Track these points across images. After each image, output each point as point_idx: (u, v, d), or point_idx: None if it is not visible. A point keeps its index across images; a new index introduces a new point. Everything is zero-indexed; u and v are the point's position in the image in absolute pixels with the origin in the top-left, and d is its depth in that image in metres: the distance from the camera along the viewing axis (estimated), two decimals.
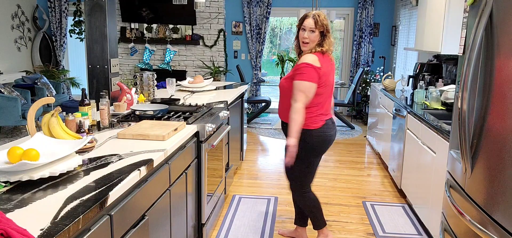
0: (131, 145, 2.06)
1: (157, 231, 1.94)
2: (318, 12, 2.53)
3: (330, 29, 2.53)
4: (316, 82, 2.45)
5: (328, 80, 2.54)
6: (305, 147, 2.55)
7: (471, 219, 1.74)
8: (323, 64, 2.48)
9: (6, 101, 5.52)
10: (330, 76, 2.56)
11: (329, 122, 2.60)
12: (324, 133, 2.57)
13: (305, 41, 2.50)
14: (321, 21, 2.49)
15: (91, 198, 1.37)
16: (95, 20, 3.17)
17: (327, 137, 2.60)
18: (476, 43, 1.73)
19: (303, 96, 2.44)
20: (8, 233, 1.03)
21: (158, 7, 7.13)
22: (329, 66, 2.55)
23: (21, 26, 7.44)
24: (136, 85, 3.40)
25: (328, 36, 2.51)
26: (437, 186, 2.80)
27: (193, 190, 2.59)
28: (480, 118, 1.77)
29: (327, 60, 2.52)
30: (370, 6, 7.10)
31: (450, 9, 3.55)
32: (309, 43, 2.50)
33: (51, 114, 1.91)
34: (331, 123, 2.63)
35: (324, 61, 2.50)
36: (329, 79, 2.56)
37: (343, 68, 7.69)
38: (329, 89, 2.60)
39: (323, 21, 2.49)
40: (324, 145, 2.62)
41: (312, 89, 2.45)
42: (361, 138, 6.19)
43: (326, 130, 2.58)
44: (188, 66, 7.55)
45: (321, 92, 2.52)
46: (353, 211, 3.55)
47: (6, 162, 1.54)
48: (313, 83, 2.44)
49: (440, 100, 3.59)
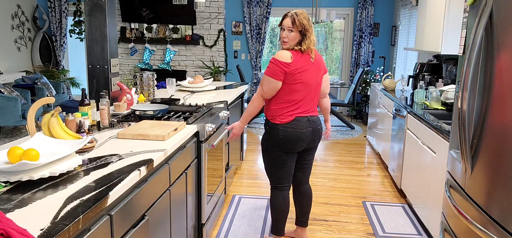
0: (131, 145, 2.06)
1: (157, 231, 1.94)
2: (298, 11, 2.50)
3: (309, 28, 2.47)
4: (278, 78, 2.45)
5: (305, 78, 2.50)
6: (269, 140, 2.61)
7: (471, 219, 1.74)
8: (297, 62, 2.45)
9: (6, 101, 5.52)
10: (309, 75, 2.51)
11: (302, 119, 2.54)
12: (292, 129, 2.53)
13: (284, 40, 2.51)
14: (299, 20, 2.44)
15: (91, 198, 1.37)
16: (95, 20, 3.17)
17: (295, 134, 2.54)
18: (476, 43, 1.73)
19: (261, 89, 2.54)
20: (8, 233, 1.03)
21: (158, 7, 7.13)
22: (308, 64, 2.50)
23: (21, 26, 7.44)
24: (136, 85, 3.40)
25: (307, 35, 2.47)
26: (437, 186, 2.80)
27: (193, 190, 2.59)
28: (480, 118, 1.77)
29: (305, 59, 2.48)
30: (370, 6, 7.10)
31: (450, 9, 3.55)
32: (288, 42, 2.49)
33: (51, 114, 1.91)
34: (306, 121, 2.56)
35: (300, 59, 2.46)
36: (307, 78, 2.51)
37: (343, 68, 7.69)
38: (310, 88, 2.55)
39: (302, 21, 2.45)
40: (291, 142, 2.56)
41: (271, 84, 2.47)
42: (361, 138, 6.19)
43: (294, 127, 2.53)
44: (188, 66, 7.55)
45: (296, 89, 2.50)
46: (353, 211, 3.55)
47: (6, 162, 1.54)
48: (272, 78, 2.46)
49: (440, 100, 3.59)
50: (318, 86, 2.61)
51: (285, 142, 2.56)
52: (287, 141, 2.56)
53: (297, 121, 2.53)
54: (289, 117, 2.52)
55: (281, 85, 2.49)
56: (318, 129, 2.64)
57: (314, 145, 2.71)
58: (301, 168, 2.79)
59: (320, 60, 2.61)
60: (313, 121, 2.59)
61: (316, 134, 2.63)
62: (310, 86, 2.54)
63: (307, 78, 2.51)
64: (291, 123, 2.52)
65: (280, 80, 2.47)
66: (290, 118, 2.52)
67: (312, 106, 2.60)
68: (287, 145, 2.57)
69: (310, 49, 2.50)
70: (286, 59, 2.43)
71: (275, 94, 2.53)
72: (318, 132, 2.64)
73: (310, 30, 2.49)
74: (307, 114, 2.57)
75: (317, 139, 2.68)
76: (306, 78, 2.50)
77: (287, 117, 2.52)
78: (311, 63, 2.51)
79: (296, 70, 2.45)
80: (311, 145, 2.67)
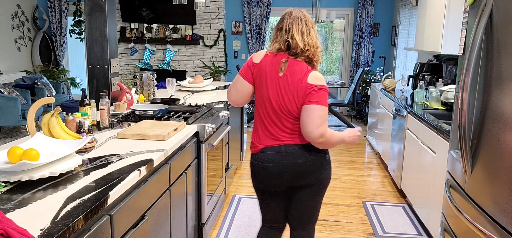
0: (131, 145, 2.06)
1: (157, 231, 1.94)
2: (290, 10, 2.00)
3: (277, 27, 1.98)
4: (245, 77, 1.99)
5: (261, 85, 1.94)
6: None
7: (471, 219, 1.74)
8: (262, 62, 1.95)
9: (6, 101, 5.52)
10: (268, 81, 1.92)
11: (258, 154, 1.98)
12: (256, 163, 2.00)
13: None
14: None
15: (91, 198, 1.37)
16: (95, 20, 3.17)
17: (254, 169, 2.01)
18: (476, 43, 1.73)
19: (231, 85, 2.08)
20: (8, 233, 1.03)
21: (158, 7, 7.13)
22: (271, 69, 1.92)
23: (21, 26, 7.44)
24: (136, 85, 3.40)
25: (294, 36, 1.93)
26: (437, 186, 2.80)
27: (193, 190, 2.59)
28: (480, 118, 1.77)
29: (273, 63, 1.92)
30: (370, 6, 7.10)
31: (450, 9, 3.55)
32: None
33: (51, 114, 1.91)
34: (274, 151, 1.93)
35: (267, 61, 1.94)
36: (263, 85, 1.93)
37: (343, 68, 7.69)
38: (267, 102, 1.93)
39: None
40: (255, 177, 2.04)
41: (237, 82, 2.02)
42: (361, 138, 6.19)
43: (258, 160, 1.98)
44: (188, 66, 7.55)
45: (256, 98, 2.02)
46: (353, 211, 3.55)
47: (6, 162, 1.54)
48: (240, 75, 2.02)
49: (440, 100, 3.59)
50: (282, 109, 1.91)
51: (253, 178, 2.07)
52: (253, 174, 2.06)
53: (265, 151, 1.96)
54: (258, 146, 1.99)
55: (252, 91, 2.02)
56: (300, 163, 1.92)
57: (301, 183, 1.98)
58: (293, 206, 2.09)
59: (297, 81, 1.86)
60: (286, 152, 1.92)
61: (298, 169, 1.93)
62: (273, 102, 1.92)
63: (263, 87, 1.95)
64: (258, 155, 1.99)
65: (247, 80, 2.00)
66: (258, 148, 1.99)
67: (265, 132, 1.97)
68: (253, 178, 2.07)
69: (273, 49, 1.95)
70: (255, 58, 1.99)
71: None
72: (300, 167, 1.92)
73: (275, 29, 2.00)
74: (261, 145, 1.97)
75: (306, 175, 1.95)
76: (262, 85, 1.95)
77: (256, 146, 2.00)
78: (278, 76, 1.91)
79: (258, 73, 1.96)
80: (295, 182, 1.98)
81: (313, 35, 1.95)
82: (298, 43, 1.90)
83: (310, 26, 1.95)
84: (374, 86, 5.49)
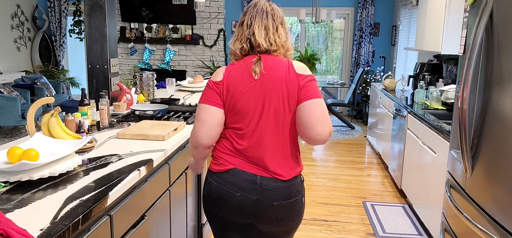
0: (131, 145, 2.06)
1: (157, 231, 1.94)
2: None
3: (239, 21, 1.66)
4: (211, 103, 1.55)
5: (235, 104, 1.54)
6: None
7: (472, 219, 1.73)
8: (226, 77, 1.56)
9: (5, 101, 5.51)
10: (244, 93, 1.53)
11: (242, 174, 1.54)
12: (215, 185, 1.58)
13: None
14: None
15: (91, 198, 1.36)
16: (94, 20, 3.16)
17: (213, 192, 1.58)
18: (477, 43, 1.73)
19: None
20: (7, 233, 1.03)
21: (158, 7, 7.13)
22: (242, 79, 1.54)
23: (21, 26, 7.44)
24: (136, 85, 3.40)
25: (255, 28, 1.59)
26: (437, 186, 2.80)
27: (193, 190, 2.59)
28: (480, 118, 1.76)
29: (242, 69, 1.55)
30: (370, 6, 7.10)
31: (450, 9, 3.55)
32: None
33: (50, 114, 1.90)
34: (247, 180, 1.53)
35: (233, 72, 1.56)
36: (238, 101, 1.53)
37: (343, 68, 7.69)
38: (246, 120, 1.54)
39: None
40: (214, 203, 1.60)
41: (201, 113, 1.57)
42: (361, 138, 6.19)
43: (220, 182, 1.56)
44: (188, 66, 7.55)
45: (232, 122, 1.57)
46: (353, 211, 3.55)
47: (5, 162, 1.54)
48: (203, 104, 1.57)
49: (440, 100, 3.59)
50: (270, 121, 1.53)
51: (206, 202, 1.64)
52: (207, 201, 1.63)
53: (230, 174, 1.55)
54: (221, 165, 1.58)
55: (223, 119, 1.58)
56: (274, 206, 1.54)
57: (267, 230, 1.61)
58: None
59: (284, 76, 1.51)
60: (261, 187, 1.53)
61: (269, 213, 1.55)
62: (251, 118, 1.54)
63: (243, 106, 1.54)
64: (218, 175, 1.58)
65: (215, 104, 1.55)
66: (220, 167, 1.58)
67: (266, 157, 1.54)
68: (207, 206, 1.65)
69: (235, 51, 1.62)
70: (215, 77, 1.59)
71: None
72: (272, 211, 1.54)
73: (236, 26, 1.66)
74: (256, 171, 1.54)
75: (276, 222, 1.57)
76: (241, 106, 1.54)
77: (220, 165, 1.58)
78: (254, 81, 1.53)
79: (227, 93, 1.55)
80: (261, 226, 1.60)
81: (281, 33, 1.59)
82: (260, 42, 1.55)
83: (279, 22, 1.59)
84: (374, 86, 5.49)
